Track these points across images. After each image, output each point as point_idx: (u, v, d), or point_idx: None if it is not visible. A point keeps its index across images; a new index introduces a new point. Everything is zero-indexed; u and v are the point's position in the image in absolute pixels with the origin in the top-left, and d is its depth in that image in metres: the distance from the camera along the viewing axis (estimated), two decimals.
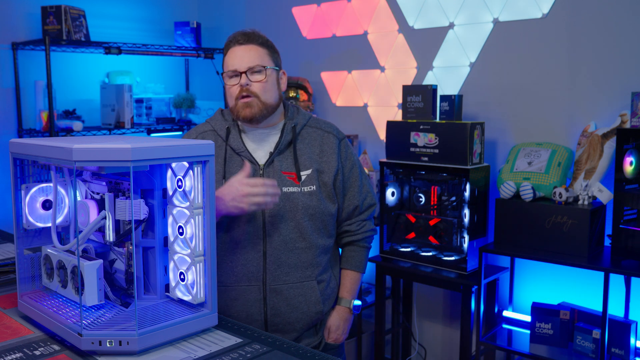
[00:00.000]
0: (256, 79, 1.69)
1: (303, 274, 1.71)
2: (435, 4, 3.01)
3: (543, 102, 2.69)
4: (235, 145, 1.72)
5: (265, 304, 1.69)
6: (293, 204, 1.69)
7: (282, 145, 1.72)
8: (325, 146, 1.77)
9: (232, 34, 1.74)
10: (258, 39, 1.73)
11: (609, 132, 2.33)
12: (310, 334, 1.78)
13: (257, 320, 1.70)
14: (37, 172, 1.43)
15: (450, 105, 2.68)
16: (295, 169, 1.71)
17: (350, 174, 1.81)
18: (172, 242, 1.35)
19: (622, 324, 2.28)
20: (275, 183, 1.58)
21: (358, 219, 1.84)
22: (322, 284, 1.76)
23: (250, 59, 1.69)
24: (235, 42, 1.72)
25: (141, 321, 1.24)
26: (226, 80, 1.72)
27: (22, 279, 1.42)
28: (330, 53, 3.51)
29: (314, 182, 1.72)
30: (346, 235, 1.85)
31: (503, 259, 2.80)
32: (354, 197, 1.81)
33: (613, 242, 2.23)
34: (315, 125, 1.80)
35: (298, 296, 1.71)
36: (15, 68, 3.29)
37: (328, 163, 1.76)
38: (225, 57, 1.74)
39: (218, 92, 4.05)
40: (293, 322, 1.71)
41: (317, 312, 1.75)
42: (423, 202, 2.78)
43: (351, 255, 1.86)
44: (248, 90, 1.68)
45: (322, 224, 1.74)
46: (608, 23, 2.48)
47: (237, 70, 1.68)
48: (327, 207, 1.74)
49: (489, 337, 2.63)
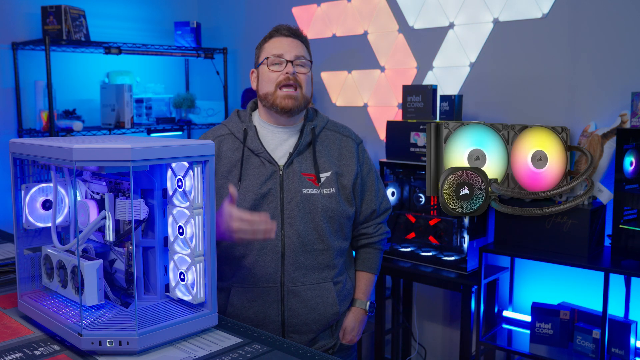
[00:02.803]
0: (301, 70, 1.71)
1: (320, 275, 1.72)
2: (435, 4, 3.01)
3: (543, 102, 2.69)
4: (254, 146, 1.71)
5: (282, 305, 1.69)
6: (312, 205, 1.69)
7: (302, 147, 1.72)
8: (344, 150, 1.78)
9: (276, 26, 1.76)
10: (301, 36, 1.77)
11: (609, 132, 2.33)
12: (326, 335, 1.78)
13: (274, 321, 1.70)
14: (37, 172, 1.43)
15: (450, 105, 2.68)
16: (315, 170, 1.71)
17: (367, 178, 1.83)
18: (172, 242, 1.35)
19: (622, 324, 2.28)
20: (268, 218, 1.50)
21: (375, 222, 1.86)
22: (339, 285, 1.77)
23: (297, 50, 1.71)
24: (280, 33, 1.74)
25: (141, 321, 1.24)
26: (268, 65, 1.71)
27: (22, 279, 1.42)
28: (330, 53, 3.51)
29: (333, 185, 1.72)
30: (363, 238, 1.86)
31: (503, 259, 2.80)
32: (371, 201, 1.83)
33: (613, 242, 2.23)
34: (334, 129, 1.81)
35: (315, 297, 1.71)
36: (15, 68, 3.29)
37: (347, 166, 1.76)
38: (267, 44, 1.74)
39: (218, 92, 4.05)
40: (310, 323, 1.71)
41: (334, 314, 1.75)
42: (423, 202, 2.78)
43: (367, 257, 1.87)
44: (295, 79, 1.68)
45: (339, 226, 1.74)
46: (608, 23, 2.48)
47: (283, 56, 1.69)
48: (345, 210, 1.74)
49: (489, 337, 2.63)
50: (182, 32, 3.84)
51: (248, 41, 3.96)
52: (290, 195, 1.68)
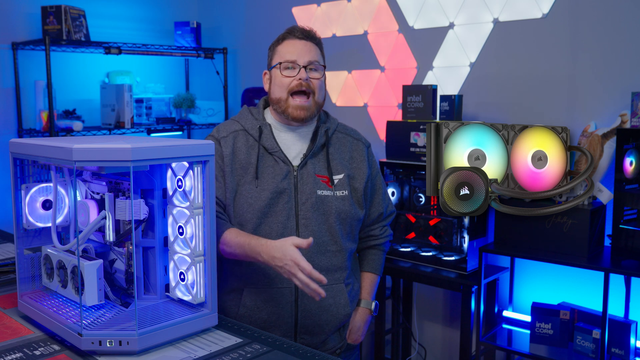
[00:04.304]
0: (314, 75, 1.68)
1: (333, 276, 1.72)
2: (435, 4, 3.01)
3: (543, 102, 2.69)
4: (269, 144, 1.70)
5: (296, 307, 1.69)
6: (327, 207, 1.69)
7: (316, 148, 1.72)
8: (355, 153, 1.79)
9: (289, 27, 1.72)
10: (315, 38, 1.73)
11: (609, 132, 2.33)
12: (336, 337, 1.79)
13: (287, 322, 1.69)
14: (37, 172, 1.43)
15: (450, 105, 2.68)
16: (328, 172, 1.71)
17: (376, 181, 1.84)
18: (172, 242, 1.35)
19: (622, 324, 2.28)
20: (319, 288, 1.48)
21: (381, 224, 1.87)
22: (349, 286, 1.78)
23: (311, 54, 1.68)
24: (293, 35, 1.70)
25: (141, 321, 1.24)
26: (281, 70, 1.68)
27: (22, 279, 1.42)
28: (330, 53, 3.50)
29: (345, 187, 1.73)
30: (370, 239, 1.87)
31: (503, 259, 2.80)
32: (379, 204, 1.84)
33: (613, 242, 2.23)
34: (344, 132, 1.81)
35: (328, 299, 1.70)
36: (15, 68, 3.29)
37: (359, 169, 1.77)
38: (280, 48, 1.71)
39: (218, 92, 4.05)
40: (322, 324, 1.71)
41: (346, 315, 1.76)
42: (423, 202, 2.78)
43: (372, 258, 1.88)
44: (308, 86, 1.66)
45: (350, 228, 1.75)
46: (608, 23, 2.48)
47: (296, 62, 1.67)
48: (356, 212, 1.75)
49: (489, 337, 2.63)
50: (182, 32, 3.84)
51: (248, 41, 3.96)
52: (305, 196, 1.68)
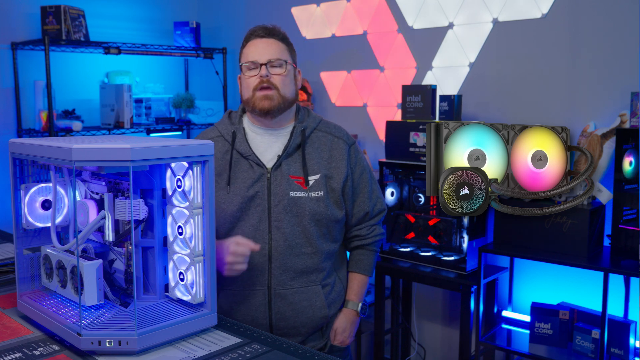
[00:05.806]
0: (276, 72, 1.69)
1: (308, 279, 1.71)
2: (435, 4, 3.01)
3: (542, 102, 2.69)
4: (242, 149, 1.70)
5: (270, 309, 1.69)
6: (300, 209, 1.67)
7: (291, 149, 1.70)
8: (334, 152, 1.75)
9: (253, 27, 1.74)
10: (279, 34, 1.74)
11: (609, 132, 2.33)
12: (316, 337, 1.78)
13: (262, 324, 1.69)
14: (37, 172, 1.43)
15: (449, 105, 2.68)
16: (303, 173, 1.69)
17: (360, 180, 1.80)
18: (171, 242, 1.35)
19: (621, 324, 2.28)
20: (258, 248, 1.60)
21: (368, 223, 1.84)
22: (327, 287, 1.76)
23: (271, 52, 1.69)
24: (255, 35, 1.72)
25: (140, 321, 1.24)
26: (244, 71, 1.71)
27: (22, 279, 1.42)
28: (330, 53, 3.51)
29: (321, 188, 1.70)
30: (356, 240, 1.84)
31: (502, 259, 2.80)
32: (364, 203, 1.80)
33: (612, 242, 2.23)
34: (325, 130, 1.79)
35: (303, 301, 1.70)
36: (15, 68, 3.29)
37: (337, 169, 1.74)
38: (244, 49, 1.73)
39: (217, 92, 4.05)
40: (298, 326, 1.71)
41: (323, 317, 1.74)
42: (422, 202, 2.78)
43: (360, 258, 1.85)
44: (268, 82, 1.67)
45: (327, 229, 1.73)
46: (608, 23, 2.48)
47: (257, 61, 1.68)
48: (333, 213, 1.72)
49: (489, 337, 2.63)
50: (182, 32, 3.84)
51: None
52: (277, 199, 1.67)
